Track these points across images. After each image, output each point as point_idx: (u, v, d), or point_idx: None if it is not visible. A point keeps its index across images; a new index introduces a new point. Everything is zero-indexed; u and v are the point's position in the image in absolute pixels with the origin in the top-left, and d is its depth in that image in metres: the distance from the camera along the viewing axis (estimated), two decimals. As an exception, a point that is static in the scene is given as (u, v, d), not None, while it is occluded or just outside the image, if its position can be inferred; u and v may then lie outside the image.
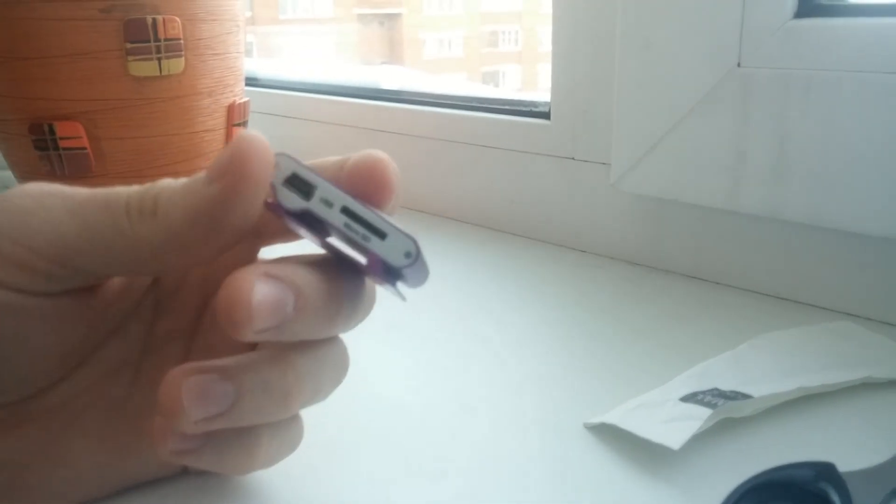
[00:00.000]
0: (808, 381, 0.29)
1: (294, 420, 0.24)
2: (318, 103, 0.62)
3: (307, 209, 0.19)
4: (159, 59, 0.42)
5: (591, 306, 0.39)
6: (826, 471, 0.22)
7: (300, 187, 0.19)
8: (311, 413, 0.24)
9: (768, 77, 0.35)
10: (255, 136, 0.19)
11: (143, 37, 0.42)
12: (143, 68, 0.42)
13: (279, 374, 0.21)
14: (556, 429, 0.28)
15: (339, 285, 0.21)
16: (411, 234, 0.19)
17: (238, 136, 0.19)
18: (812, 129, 0.34)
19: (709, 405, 0.27)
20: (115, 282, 0.23)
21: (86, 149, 0.43)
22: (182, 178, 0.20)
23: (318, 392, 0.23)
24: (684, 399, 0.28)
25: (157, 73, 0.43)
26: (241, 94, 0.50)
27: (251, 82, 0.66)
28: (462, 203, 0.53)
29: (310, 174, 0.19)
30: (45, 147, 0.43)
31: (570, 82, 0.45)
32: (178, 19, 0.43)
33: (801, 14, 0.35)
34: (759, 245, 0.39)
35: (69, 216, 0.20)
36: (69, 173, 0.43)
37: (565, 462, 0.26)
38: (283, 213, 0.19)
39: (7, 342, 0.20)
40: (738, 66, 0.36)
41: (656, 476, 0.25)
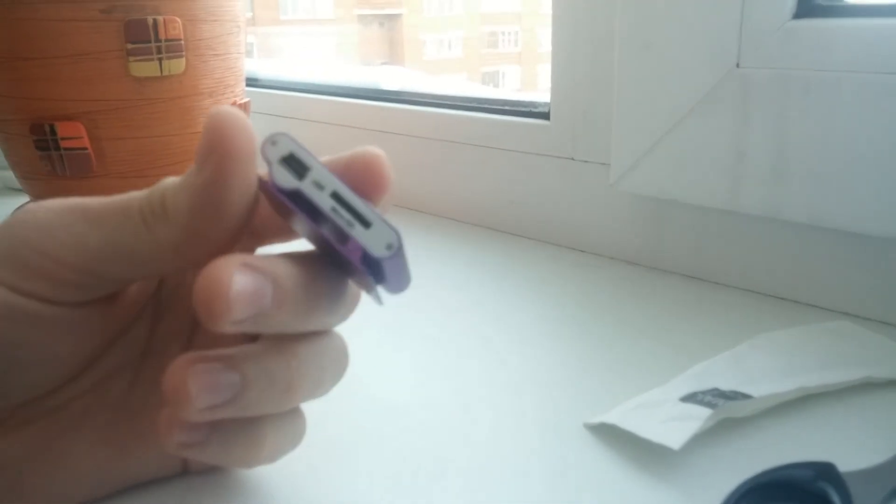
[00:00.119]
0: (808, 381, 0.29)
1: (297, 415, 0.24)
2: (318, 104, 0.62)
3: (298, 189, 0.19)
4: (160, 59, 0.43)
5: (591, 306, 0.39)
6: (826, 471, 0.22)
7: (295, 167, 0.19)
8: (311, 412, 0.25)
9: (768, 77, 0.35)
10: (225, 110, 0.19)
11: (143, 37, 0.42)
12: (143, 69, 0.42)
13: (283, 365, 0.21)
14: (556, 429, 0.28)
15: (319, 279, 0.21)
16: (396, 228, 0.19)
17: (209, 118, 0.19)
18: (812, 129, 0.34)
19: (709, 405, 0.27)
20: (128, 290, 0.23)
21: (87, 149, 0.43)
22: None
23: (320, 385, 0.23)
24: (684, 399, 0.28)
25: (158, 74, 0.43)
26: (242, 94, 0.50)
27: (252, 83, 0.67)
28: (462, 203, 0.53)
29: (307, 156, 0.19)
30: (47, 147, 0.43)
31: (570, 82, 0.45)
32: (178, 20, 0.43)
33: (800, 14, 0.35)
34: (759, 245, 0.39)
35: (91, 228, 0.20)
36: (70, 173, 0.43)
37: (565, 462, 0.26)
38: (274, 190, 0.19)
39: (23, 348, 0.21)
40: (738, 66, 0.36)
41: (656, 476, 0.25)
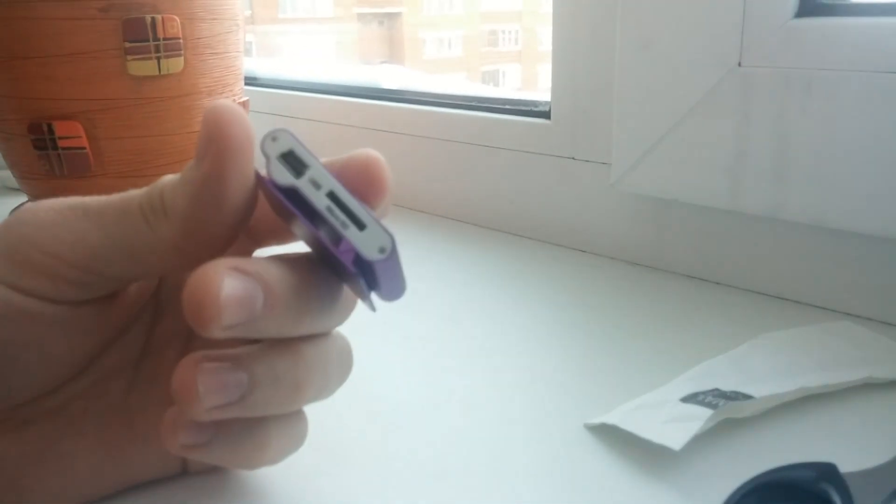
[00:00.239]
0: (809, 382, 0.29)
1: (300, 416, 0.24)
2: (317, 102, 0.62)
3: (295, 186, 0.19)
4: (158, 58, 0.42)
5: (591, 306, 0.39)
6: (827, 471, 0.22)
7: (294, 165, 0.19)
8: (310, 412, 0.24)
9: (769, 76, 0.35)
10: (222, 104, 0.19)
11: (141, 36, 0.42)
12: (142, 67, 0.42)
13: (290, 365, 0.21)
14: (556, 429, 0.28)
15: (312, 283, 0.21)
16: (390, 232, 0.19)
17: (207, 111, 0.19)
18: (813, 128, 0.34)
19: (710, 405, 0.27)
20: (128, 289, 0.23)
21: (85, 148, 0.43)
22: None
23: (326, 386, 0.23)
24: (685, 399, 0.28)
25: (157, 73, 0.43)
26: (241, 93, 0.50)
27: (250, 81, 0.66)
28: (462, 203, 0.53)
29: (306, 154, 0.19)
30: (45, 147, 0.43)
31: (571, 81, 0.45)
32: (177, 18, 0.42)
33: (801, 13, 0.35)
34: (760, 245, 0.39)
35: (92, 225, 0.20)
36: (68, 173, 0.43)
37: (565, 462, 0.26)
38: (271, 186, 0.19)
39: (23, 348, 0.21)
40: (739, 65, 0.36)
41: (657, 477, 0.25)
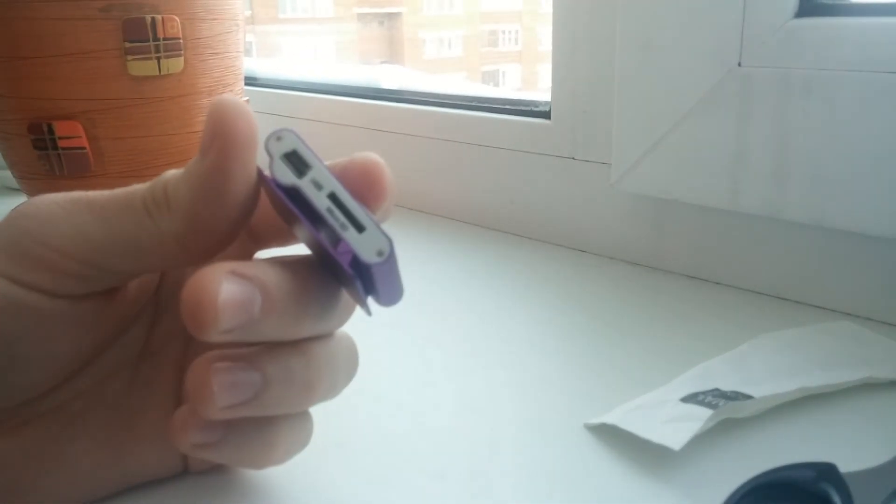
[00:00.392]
0: (809, 382, 0.29)
1: (306, 417, 0.24)
2: (317, 102, 0.62)
3: (296, 186, 0.19)
4: (158, 58, 0.42)
5: (591, 306, 0.39)
6: (827, 471, 0.22)
7: (296, 164, 0.19)
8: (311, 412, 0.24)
9: (769, 77, 0.35)
10: (227, 98, 0.19)
11: (142, 36, 0.42)
12: (142, 68, 0.42)
13: (302, 365, 0.21)
14: (556, 429, 0.28)
15: (310, 286, 0.21)
16: (389, 236, 0.19)
17: (212, 106, 0.19)
18: (813, 128, 0.34)
19: (710, 405, 0.27)
20: (129, 286, 0.23)
21: (85, 148, 0.43)
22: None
23: (334, 386, 0.23)
24: (685, 399, 0.28)
25: (157, 73, 0.43)
26: (241, 93, 0.50)
27: (250, 81, 0.66)
28: (462, 203, 0.53)
29: (309, 154, 0.19)
30: (44, 147, 0.43)
31: (571, 81, 0.45)
32: (177, 18, 0.42)
33: (801, 14, 0.35)
34: (759, 245, 0.39)
35: (94, 219, 0.20)
36: (68, 173, 0.43)
37: (565, 462, 0.26)
38: (273, 185, 0.19)
39: (23, 343, 0.20)
40: (739, 65, 0.36)
41: (657, 477, 0.25)
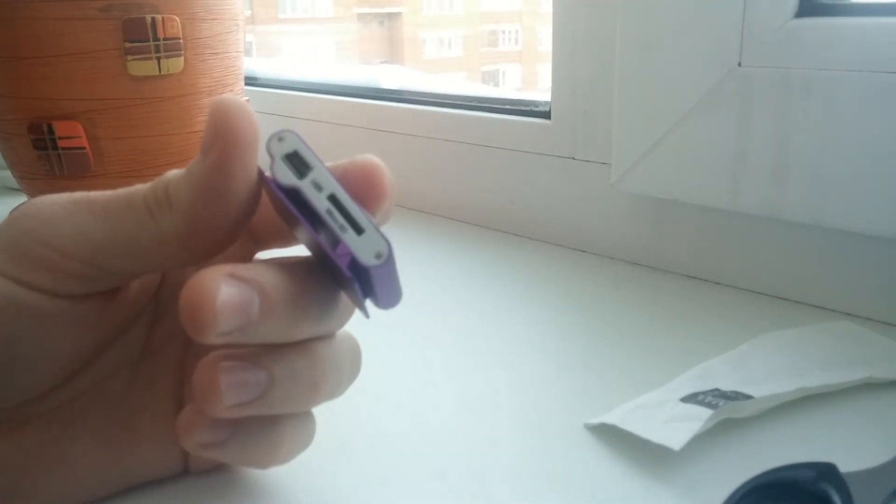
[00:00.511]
0: (809, 382, 0.29)
1: (309, 416, 0.24)
2: (317, 102, 0.62)
3: (297, 187, 0.19)
4: (158, 58, 0.42)
5: (591, 306, 0.39)
6: (827, 471, 0.22)
7: (297, 165, 0.19)
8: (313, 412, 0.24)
9: (768, 77, 0.35)
10: (228, 98, 0.19)
11: (142, 36, 0.42)
12: (142, 68, 0.42)
13: (307, 365, 0.21)
14: (556, 429, 0.28)
15: (309, 288, 0.21)
16: (388, 239, 0.19)
17: (213, 106, 0.19)
18: (813, 128, 0.34)
19: (710, 405, 0.27)
20: (130, 286, 0.23)
21: (85, 148, 0.43)
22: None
23: (340, 384, 0.23)
24: (685, 399, 0.28)
25: (157, 73, 0.43)
26: (241, 93, 0.50)
27: (250, 81, 0.66)
28: (462, 203, 0.53)
29: (310, 156, 0.19)
30: (44, 147, 0.43)
31: (571, 81, 0.45)
32: (177, 18, 0.42)
33: (801, 14, 0.35)
34: (759, 245, 0.39)
35: (96, 219, 0.20)
36: (68, 173, 0.43)
37: (565, 462, 0.26)
38: (273, 186, 0.19)
39: (23, 343, 0.20)
40: (739, 65, 0.36)
41: (657, 477, 0.25)
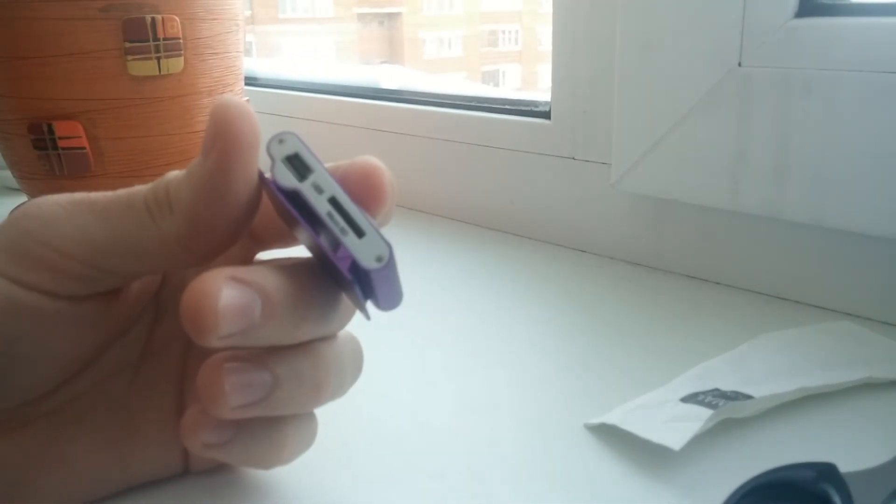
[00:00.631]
0: (809, 382, 0.29)
1: (311, 417, 0.24)
2: (317, 102, 0.62)
3: (297, 190, 0.19)
4: (158, 58, 0.42)
5: (591, 306, 0.39)
6: (827, 471, 0.22)
7: (298, 168, 0.19)
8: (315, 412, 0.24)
9: (769, 77, 0.35)
10: (229, 99, 0.19)
11: (142, 36, 0.42)
12: (142, 68, 0.42)
13: (311, 366, 0.21)
14: (556, 429, 0.28)
15: (310, 290, 0.21)
16: (389, 242, 0.19)
17: (214, 107, 0.19)
18: (813, 128, 0.34)
19: (710, 405, 0.27)
20: (130, 286, 0.23)
21: (85, 148, 0.43)
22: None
23: (342, 385, 0.23)
24: (685, 399, 0.28)
25: (157, 73, 0.43)
26: (241, 93, 0.50)
27: (250, 81, 0.66)
28: (462, 203, 0.53)
29: (311, 158, 0.19)
30: (44, 147, 0.43)
31: (571, 81, 0.45)
32: (177, 18, 0.42)
33: (801, 14, 0.35)
34: (760, 245, 0.39)
35: (96, 220, 0.20)
36: (68, 173, 0.43)
37: (565, 462, 0.26)
38: (274, 188, 0.19)
39: (24, 344, 0.20)
40: (739, 65, 0.36)
41: (657, 477, 0.25)
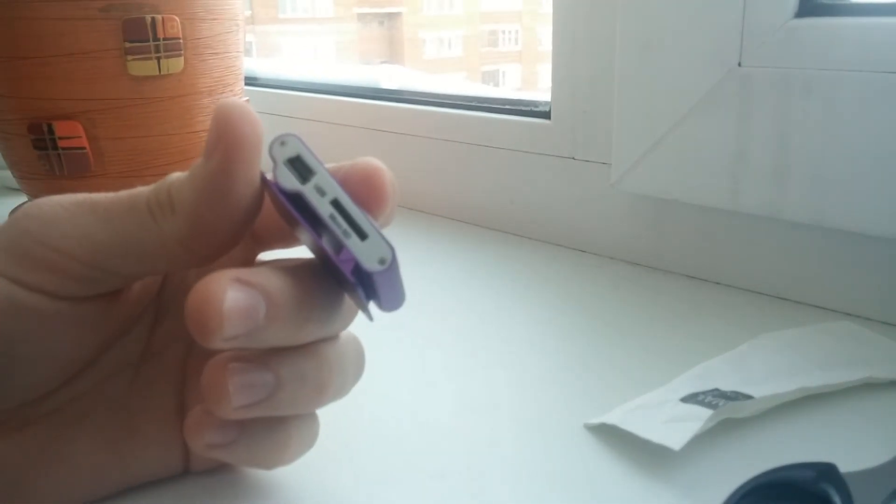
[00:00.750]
0: (809, 382, 0.29)
1: (314, 417, 0.24)
2: (317, 102, 0.62)
3: (299, 192, 0.19)
4: (158, 58, 0.42)
5: (591, 306, 0.39)
6: (827, 471, 0.22)
7: (300, 170, 0.19)
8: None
9: (768, 77, 0.35)
10: (232, 102, 0.19)
11: (142, 36, 0.42)
12: (142, 68, 0.42)
13: (314, 366, 0.21)
14: (556, 429, 0.28)
15: (313, 292, 0.21)
16: (391, 244, 0.19)
17: (217, 108, 0.19)
18: (813, 128, 0.34)
19: (710, 406, 0.27)
20: (131, 287, 0.23)
21: (85, 148, 0.43)
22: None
23: (345, 385, 0.23)
24: (685, 399, 0.28)
25: (157, 73, 0.43)
26: (241, 93, 0.50)
27: (250, 81, 0.66)
28: (462, 203, 0.53)
29: (313, 160, 0.19)
30: (45, 147, 0.43)
31: (571, 81, 0.45)
32: (177, 18, 0.42)
33: (801, 14, 0.35)
34: (760, 245, 0.39)
35: (98, 221, 0.20)
36: (68, 173, 0.43)
37: (565, 462, 0.26)
38: (276, 190, 0.19)
39: (24, 344, 0.20)
40: (739, 65, 0.36)
41: (657, 477, 0.25)
